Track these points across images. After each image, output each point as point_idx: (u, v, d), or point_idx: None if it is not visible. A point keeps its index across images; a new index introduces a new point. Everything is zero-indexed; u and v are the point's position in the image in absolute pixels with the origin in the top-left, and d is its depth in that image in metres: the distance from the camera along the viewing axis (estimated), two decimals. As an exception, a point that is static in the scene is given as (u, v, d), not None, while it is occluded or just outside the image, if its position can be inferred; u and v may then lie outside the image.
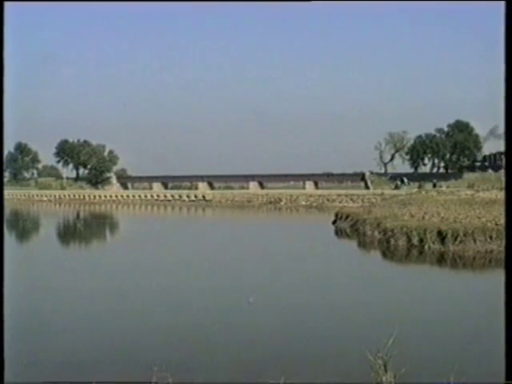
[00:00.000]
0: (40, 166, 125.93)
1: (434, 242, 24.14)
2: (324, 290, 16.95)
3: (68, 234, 40.00)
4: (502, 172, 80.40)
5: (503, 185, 6.70)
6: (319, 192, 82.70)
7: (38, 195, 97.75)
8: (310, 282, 18.40)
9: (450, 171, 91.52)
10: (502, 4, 4.25)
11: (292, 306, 14.47)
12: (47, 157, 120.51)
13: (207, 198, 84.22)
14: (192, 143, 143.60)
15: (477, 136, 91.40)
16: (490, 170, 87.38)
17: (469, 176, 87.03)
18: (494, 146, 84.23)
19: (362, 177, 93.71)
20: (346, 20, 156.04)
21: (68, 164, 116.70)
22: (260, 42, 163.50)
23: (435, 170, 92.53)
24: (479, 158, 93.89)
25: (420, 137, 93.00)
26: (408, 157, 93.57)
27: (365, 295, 15.93)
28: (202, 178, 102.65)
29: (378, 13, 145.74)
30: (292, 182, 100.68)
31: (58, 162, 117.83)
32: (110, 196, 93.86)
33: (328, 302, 15.16)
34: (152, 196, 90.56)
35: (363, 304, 14.57)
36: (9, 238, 31.51)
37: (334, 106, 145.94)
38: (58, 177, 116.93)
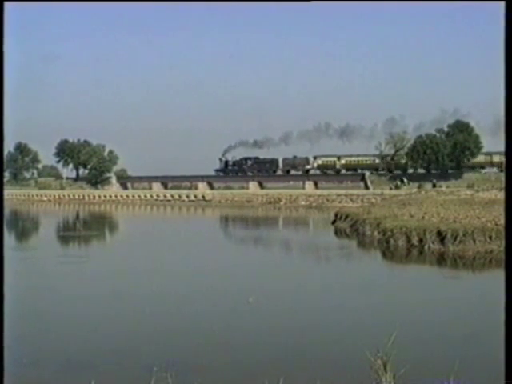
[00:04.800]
0: (40, 165, 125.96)
1: (433, 242, 24.11)
2: (323, 290, 16.94)
3: (67, 234, 39.94)
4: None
5: (503, 185, 6.70)
6: (319, 192, 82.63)
7: (37, 195, 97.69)
8: (309, 282, 18.40)
9: (449, 171, 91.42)
10: (502, 4, 4.24)
11: (291, 306, 14.46)
12: (47, 157, 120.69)
13: (207, 198, 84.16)
14: (192, 143, 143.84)
15: (477, 136, 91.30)
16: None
17: (469, 176, 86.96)
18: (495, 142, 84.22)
19: (362, 177, 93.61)
20: (346, 20, 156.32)
21: (68, 164, 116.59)
22: (260, 42, 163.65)
23: (435, 170, 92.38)
24: None
25: (420, 137, 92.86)
26: (408, 157, 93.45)
27: (364, 295, 15.92)
28: (201, 178, 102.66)
29: (378, 13, 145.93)
30: (292, 182, 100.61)
31: (58, 161, 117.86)
32: (110, 196, 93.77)
33: (327, 302, 15.16)
34: (152, 196, 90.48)
35: (363, 304, 14.56)
36: (8, 239, 31.49)
37: (333, 106, 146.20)
38: (58, 177, 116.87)
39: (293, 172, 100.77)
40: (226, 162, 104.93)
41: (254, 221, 53.85)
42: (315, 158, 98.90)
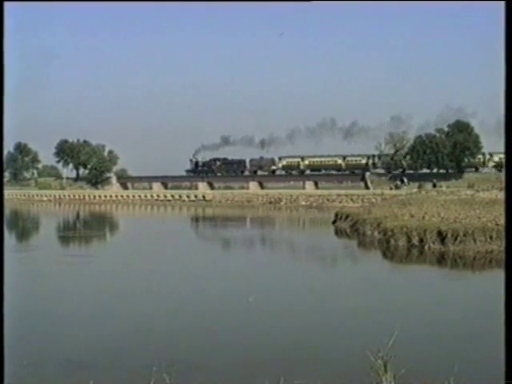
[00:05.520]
0: (40, 165, 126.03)
1: (434, 242, 24.11)
2: (324, 290, 16.93)
3: (67, 234, 39.96)
4: None
5: (503, 185, 6.70)
6: (319, 192, 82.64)
7: (38, 195, 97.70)
8: (309, 282, 18.40)
9: (449, 171, 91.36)
10: (502, 4, 4.24)
11: (291, 306, 14.46)
12: (47, 157, 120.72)
13: (207, 198, 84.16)
14: (192, 143, 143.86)
15: (477, 136, 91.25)
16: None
17: (469, 176, 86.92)
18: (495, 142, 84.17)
19: (362, 177, 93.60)
20: (351, 20, 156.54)
21: (68, 164, 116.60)
22: (259, 43, 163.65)
23: (435, 170, 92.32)
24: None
25: (420, 137, 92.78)
26: (408, 157, 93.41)
27: (365, 295, 15.91)
28: (201, 178, 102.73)
29: (383, 13, 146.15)
30: (292, 182, 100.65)
31: (58, 161, 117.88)
32: (110, 196, 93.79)
33: (327, 302, 15.15)
34: (152, 196, 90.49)
35: (363, 304, 14.54)
36: (8, 239, 31.48)
37: (333, 105, 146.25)
38: (58, 177, 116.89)
39: (260, 172, 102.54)
40: (196, 163, 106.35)
41: (255, 221, 53.83)
42: (280, 158, 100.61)
